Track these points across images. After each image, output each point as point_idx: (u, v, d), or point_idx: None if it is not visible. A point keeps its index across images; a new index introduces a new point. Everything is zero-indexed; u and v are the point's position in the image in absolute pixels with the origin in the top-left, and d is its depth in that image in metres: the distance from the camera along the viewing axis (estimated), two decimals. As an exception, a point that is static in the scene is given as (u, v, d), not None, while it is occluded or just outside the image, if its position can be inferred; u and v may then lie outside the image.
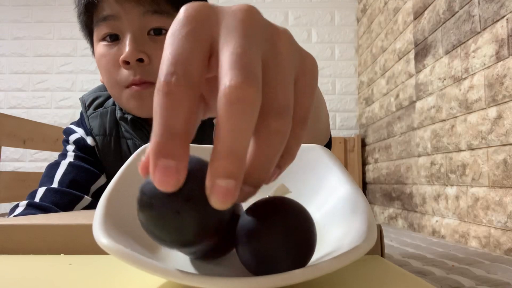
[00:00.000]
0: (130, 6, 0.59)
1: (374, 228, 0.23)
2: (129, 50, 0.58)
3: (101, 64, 0.63)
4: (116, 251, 0.20)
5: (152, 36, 0.60)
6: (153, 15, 0.59)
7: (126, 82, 0.60)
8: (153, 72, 0.60)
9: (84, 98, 0.75)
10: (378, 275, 0.25)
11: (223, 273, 0.24)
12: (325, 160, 0.34)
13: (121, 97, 0.63)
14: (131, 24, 0.59)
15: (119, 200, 0.28)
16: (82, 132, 0.71)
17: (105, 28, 0.61)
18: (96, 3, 0.61)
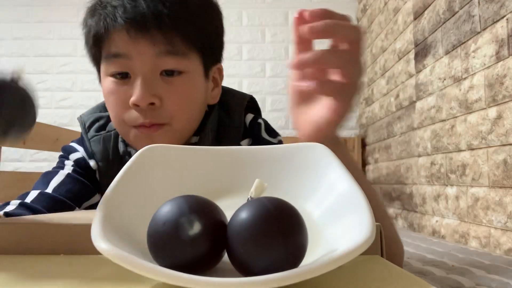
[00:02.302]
0: (144, 46, 0.56)
1: (373, 227, 0.23)
2: (140, 94, 0.55)
3: (109, 100, 0.60)
4: (113, 254, 0.20)
5: (164, 76, 0.58)
6: (166, 56, 0.57)
7: (135, 123, 0.58)
8: (165, 115, 0.58)
9: (84, 119, 0.70)
10: (378, 275, 0.25)
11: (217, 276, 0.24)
12: (325, 158, 0.34)
13: (129, 135, 0.60)
14: (144, 65, 0.56)
15: (119, 202, 0.28)
16: (84, 153, 0.67)
17: (115, 66, 0.58)
18: (106, 37, 0.58)
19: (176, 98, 0.58)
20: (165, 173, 0.35)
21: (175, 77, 0.58)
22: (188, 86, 0.59)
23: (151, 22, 0.55)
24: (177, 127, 0.60)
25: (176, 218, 0.22)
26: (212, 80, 0.66)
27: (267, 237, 0.21)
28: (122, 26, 0.55)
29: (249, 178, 0.33)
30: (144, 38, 0.56)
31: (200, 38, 0.60)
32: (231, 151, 0.38)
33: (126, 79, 0.58)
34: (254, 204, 0.22)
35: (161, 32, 0.56)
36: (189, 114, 0.61)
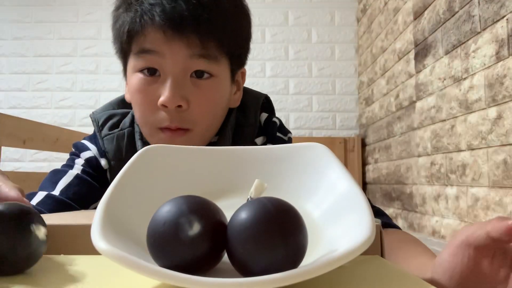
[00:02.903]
0: (178, 47, 0.56)
1: (373, 227, 0.23)
2: (169, 95, 0.55)
3: (135, 98, 0.60)
4: (113, 255, 0.20)
5: (193, 78, 0.58)
6: (199, 58, 0.57)
7: (161, 125, 0.58)
8: (190, 119, 0.58)
9: (96, 116, 0.69)
10: (378, 275, 0.25)
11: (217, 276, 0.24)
12: (325, 158, 0.34)
13: (152, 136, 0.60)
14: (175, 65, 0.56)
15: (119, 202, 0.28)
16: (96, 152, 0.66)
17: (146, 62, 0.58)
18: (140, 33, 0.57)
19: (203, 102, 0.59)
20: (165, 173, 0.35)
21: (204, 80, 0.58)
22: (216, 90, 0.60)
23: (189, 24, 0.55)
24: (199, 133, 0.60)
25: (176, 218, 0.22)
26: (235, 83, 0.66)
27: (267, 237, 0.21)
28: (160, 25, 0.55)
29: (249, 178, 0.33)
30: (179, 39, 0.56)
31: (232, 44, 0.60)
32: (231, 151, 0.38)
33: (154, 76, 0.58)
34: (254, 204, 0.22)
35: (197, 35, 0.56)
36: (212, 119, 0.62)
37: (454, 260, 0.34)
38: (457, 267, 0.34)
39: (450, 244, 0.35)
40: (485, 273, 0.33)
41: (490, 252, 0.34)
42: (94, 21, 2.51)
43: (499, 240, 0.32)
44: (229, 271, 0.24)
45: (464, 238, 0.34)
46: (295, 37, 2.48)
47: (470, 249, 0.34)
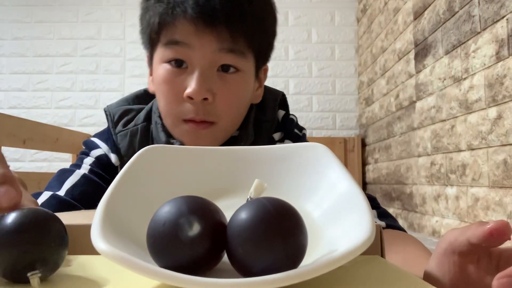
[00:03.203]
0: (208, 40, 0.56)
1: (373, 227, 0.23)
2: (196, 87, 0.56)
3: (161, 88, 0.60)
4: (113, 255, 0.20)
5: (220, 72, 0.58)
6: (228, 53, 0.57)
7: (185, 116, 0.58)
8: (215, 112, 0.58)
9: (111, 111, 0.69)
10: (378, 275, 0.25)
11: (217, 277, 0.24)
12: (325, 158, 0.34)
13: (176, 127, 0.60)
14: (204, 58, 0.57)
15: (119, 202, 0.28)
16: (107, 149, 0.66)
17: (174, 53, 0.58)
18: (170, 24, 0.57)
19: (228, 96, 0.59)
20: (165, 173, 0.35)
21: (231, 74, 0.59)
22: (241, 84, 0.61)
23: (220, 18, 0.56)
24: (223, 126, 0.61)
25: (176, 218, 0.22)
26: (258, 79, 0.67)
27: (267, 238, 0.21)
28: (192, 17, 0.56)
29: (249, 178, 0.33)
30: (210, 33, 0.56)
31: (260, 40, 0.61)
32: (231, 151, 0.38)
33: (181, 68, 0.58)
34: (253, 204, 0.22)
35: (228, 30, 0.56)
36: (236, 114, 0.63)
37: (442, 270, 0.34)
38: (445, 276, 0.34)
39: (436, 254, 0.35)
40: (473, 279, 0.33)
41: (475, 258, 0.33)
42: (94, 21, 2.51)
43: (479, 246, 0.31)
44: (229, 271, 0.24)
45: (447, 245, 0.34)
46: (295, 37, 2.48)
47: (455, 256, 0.33)
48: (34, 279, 0.22)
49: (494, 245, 0.31)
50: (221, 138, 0.62)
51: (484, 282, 0.32)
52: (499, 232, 0.30)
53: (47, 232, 0.24)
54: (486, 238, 0.30)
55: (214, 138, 0.61)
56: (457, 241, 0.33)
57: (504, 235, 0.30)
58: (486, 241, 0.31)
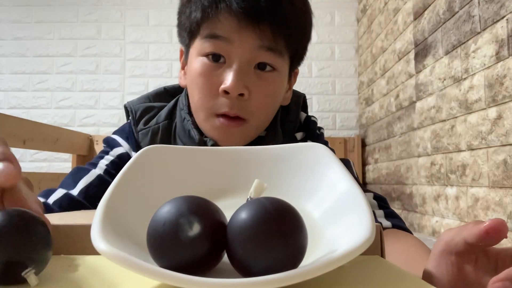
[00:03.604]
0: (249, 37, 0.56)
1: (373, 227, 0.23)
2: (233, 82, 0.56)
3: (196, 81, 0.60)
4: (113, 255, 0.20)
5: (256, 70, 0.59)
6: (267, 51, 0.58)
7: (219, 111, 0.58)
8: (249, 109, 0.58)
9: (133, 108, 0.68)
10: (378, 275, 0.25)
11: (217, 276, 0.24)
12: (325, 158, 0.34)
13: (206, 122, 0.60)
14: (243, 54, 0.57)
15: (119, 202, 0.28)
16: (128, 148, 0.66)
17: (213, 47, 0.58)
18: (212, 18, 0.57)
19: (263, 94, 0.59)
20: (165, 173, 0.35)
21: (267, 72, 0.59)
22: (276, 84, 0.61)
23: (264, 16, 0.56)
24: (254, 125, 0.61)
25: (176, 218, 0.22)
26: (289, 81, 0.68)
27: (267, 238, 0.21)
28: (236, 12, 0.56)
29: (249, 178, 0.33)
30: (252, 29, 0.56)
31: (297, 42, 0.62)
32: (231, 151, 0.38)
33: (218, 62, 0.58)
34: (253, 204, 0.22)
35: (270, 28, 0.57)
36: (268, 113, 0.63)
37: (440, 271, 0.34)
38: (443, 277, 0.33)
39: (433, 255, 0.35)
40: (471, 279, 0.33)
41: (473, 257, 0.33)
42: (94, 21, 2.51)
43: (476, 245, 0.31)
44: (229, 271, 0.24)
45: (444, 246, 0.33)
46: (295, 37, 2.48)
47: (452, 257, 0.33)
48: (30, 276, 0.22)
49: (491, 243, 0.31)
50: (250, 137, 0.62)
51: (482, 282, 0.32)
52: (495, 230, 0.30)
53: (31, 233, 0.23)
54: (482, 237, 0.30)
55: (244, 136, 0.61)
56: (453, 242, 0.33)
57: (501, 233, 0.30)
58: (482, 240, 0.30)
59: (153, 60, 2.49)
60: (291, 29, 0.59)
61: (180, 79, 0.67)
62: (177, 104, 0.68)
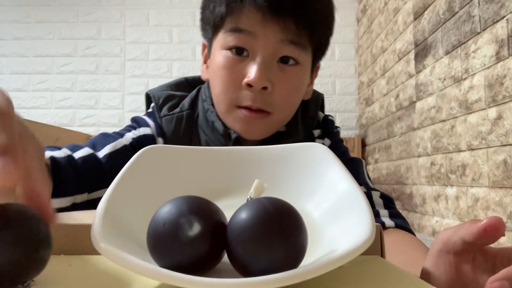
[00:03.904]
0: (272, 30, 0.56)
1: (373, 227, 0.23)
2: (257, 75, 0.56)
3: (219, 74, 0.60)
4: (113, 255, 0.20)
5: (280, 63, 0.59)
6: (290, 44, 0.58)
7: (241, 103, 0.58)
8: (272, 102, 0.58)
9: (156, 95, 0.68)
10: (378, 275, 0.25)
11: (217, 276, 0.24)
12: (325, 158, 0.34)
13: (228, 115, 0.60)
14: (266, 48, 0.57)
15: (119, 202, 0.28)
16: (154, 130, 0.65)
17: (237, 41, 0.58)
18: (236, 11, 0.57)
19: (286, 88, 0.59)
20: (165, 173, 0.35)
21: (290, 66, 0.59)
22: (299, 77, 0.61)
23: (289, 9, 0.56)
24: (276, 118, 0.61)
25: (176, 218, 0.22)
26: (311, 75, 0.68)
27: (267, 238, 0.21)
28: (261, 6, 0.56)
29: (249, 178, 0.33)
30: (276, 23, 0.56)
31: (321, 36, 0.62)
32: (231, 151, 0.38)
33: (241, 56, 0.58)
34: (253, 204, 0.22)
35: (294, 21, 0.57)
36: (291, 107, 0.63)
37: (438, 271, 0.34)
38: (441, 277, 0.33)
39: (430, 255, 0.35)
40: (469, 278, 0.32)
41: (470, 256, 0.33)
42: (94, 21, 2.51)
43: (474, 244, 0.31)
44: (229, 271, 0.24)
45: (441, 246, 0.33)
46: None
47: (450, 256, 0.33)
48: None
49: (489, 242, 0.31)
50: (272, 130, 0.63)
51: (480, 281, 0.32)
52: (493, 228, 0.30)
53: (32, 233, 0.22)
54: (480, 235, 0.30)
55: (266, 129, 0.61)
56: (451, 241, 0.33)
57: (498, 231, 0.30)
58: (480, 239, 0.30)
59: (153, 60, 2.49)
60: (314, 23, 0.59)
61: (202, 73, 0.68)
62: (199, 95, 0.69)
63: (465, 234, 0.31)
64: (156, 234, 0.22)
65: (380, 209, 0.61)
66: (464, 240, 0.31)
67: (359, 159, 0.70)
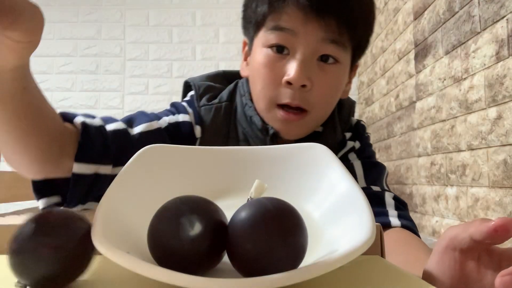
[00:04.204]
0: (314, 29, 0.57)
1: (373, 228, 0.23)
2: (296, 73, 0.56)
3: (259, 72, 0.60)
4: (113, 254, 0.20)
5: (319, 62, 0.59)
6: (331, 43, 0.58)
7: (281, 101, 0.59)
8: (311, 100, 0.59)
9: (196, 84, 0.68)
10: (378, 275, 0.25)
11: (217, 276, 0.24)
12: (325, 158, 0.34)
13: (267, 113, 0.61)
14: (307, 46, 0.57)
15: (119, 202, 0.28)
16: (193, 118, 0.65)
17: (278, 39, 0.58)
18: (278, 10, 0.58)
19: (326, 86, 0.60)
20: (165, 173, 0.35)
21: (329, 64, 0.60)
22: (338, 76, 0.62)
23: (331, 9, 0.56)
24: (314, 117, 0.61)
25: (176, 218, 0.22)
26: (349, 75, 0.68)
27: (267, 238, 0.21)
28: (304, 5, 0.56)
29: (249, 178, 0.33)
30: (318, 21, 0.57)
31: (361, 35, 0.62)
32: (231, 151, 0.38)
33: (281, 54, 0.59)
34: (254, 204, 0.22)
35: (336, 21, 0.57)
36: (329, 105, 0.64)
37: (442, 267, 0.34)
38: (445, 273, 0.33)
39: (436, 251, 0.35)
40: (473, 276, 0.33)
41: (475, 255, 0.33)
42: (94, 21, 2.51)
43: (482, 242, 0.31)
44: (229, 271, 0.24)
45: (448, 242, 0.33)
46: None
47: (456, 253, 0.33)
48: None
49: (497, 242, 0.31)
50: (310, 128, 0.63)
51: (485, 279, 0.32)
52: (503, 229, 0.30)
53: (76, 237, 0.22)
54: (490, 235, 0.30)
55: (303, 129, 0.62)
56: (458, 238, 0.33)
57: (508, 232, 0.30)
58: (490, 238, 0.30)
59: (153, 60, 2.49)
60: (356, 22, 0.59)
61: (242, 70, 0.68)
62: (237, 89, 0.69)
63: (474, 232, 0.31)
64: (156, 234, 0.22)
65: (390, 209, 0.61)
66: (472, 238, 0.31)
67: (383, 165, 0.70)
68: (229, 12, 2.50)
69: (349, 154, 0.69)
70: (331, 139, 0.66)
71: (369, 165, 0.68)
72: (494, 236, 0.30)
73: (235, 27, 2.48)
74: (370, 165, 0.68)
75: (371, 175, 0.66)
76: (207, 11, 2.51)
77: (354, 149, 0.70)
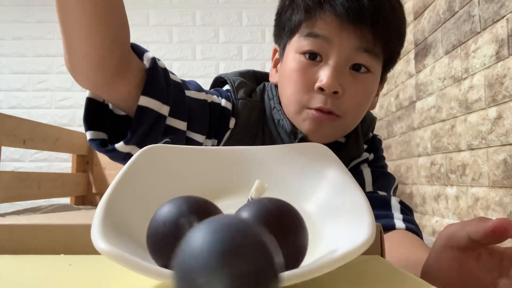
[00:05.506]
0: (348, 37, 0.57)
1: (373, 228, 0.23)
2: (329, 80, 0.56)
3: (291, 77, 0.60)
4: (113, 254, 0.20)
5: (351, 70, 0.59)
6: (364, 52, 0.58)
7: (313, 106, 0.59)
8: (341, 107, 0.59)
9: (231, 78, 0.68)
10: (378, 275, 0.25)
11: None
12: (325, 158, 0.34)
13: (297, 115, 0.60)
14: (340, 54, 0.57)
15: (119, 202, 0.28)
16: (231, 108, 0.64)
17: (311, 45, 0.58)
18: (314, 16, 0.58)
19: (357, 94, 0.60)
20: (165, 173, 0.35)
21: (361, 73, 0.59)
22: (369, 85, 0.62)
23: (367, 18, 0.56)
24: (346, 122, 0.61)
25: (176, 218, 0.22)
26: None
27: None
28: (340, 13, 0.56)
29: (250, 178, 0.33)
30: (353, 30, 0.57)
31: (394, 46, 0.62)
32: (231, 151, 0.38)
33: (314, 61, 0.59)
34: (254, 204, 0.22)
35: (371, 30, 0.57)
36: (359, 113, 0.63)
37: (440, 265, 0.33)
38: (444, 271, 0.33)
39: (434, 249, 0.34)
40: (473, 275, 0.32)
41: (475, 253, 0.33)
42: (94, 21, 2.51)
43: (479, 242, 0.31)
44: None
45: (446, 240, 0.33)
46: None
47: (454, 251, 0.33)
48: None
49: (495, 242, 0.31)
50: (339, 134, 0.63)
51: (485, 278, 0.32)
52: (502, 229, 0.30)
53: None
54: (488, 236, 0.30)
55: (333, 131, 0.61)
56: (456, 236, 0.33)
57: (506, 233, 0.30)
58: (487, 239, 0.30)
59: (153, 60, 2.49)
60: (390, 33, 0.59)
61: (271, 77, 0.68)
62: (265, 91, 0.69)
63: (472, 232, 0.31)
64: (156, 234, 0.22)
65: (395, 212, 0.61)
66: (470, 237, 0.31)
67: (394, 176, 0.71)
68: (229, 12, 2.50)
69: (361, 165, 0.69)
70: (354, 152, 0.66)
71: (379, 173, 0.68)
72: (492, 237, 0.30)
73: (235, 27, 2.48)
74: (380, 174, 0.68)
75: (379, 183, 0.66)
76: (207, 11, 2.50)
77: (368, 160, 0.70)
